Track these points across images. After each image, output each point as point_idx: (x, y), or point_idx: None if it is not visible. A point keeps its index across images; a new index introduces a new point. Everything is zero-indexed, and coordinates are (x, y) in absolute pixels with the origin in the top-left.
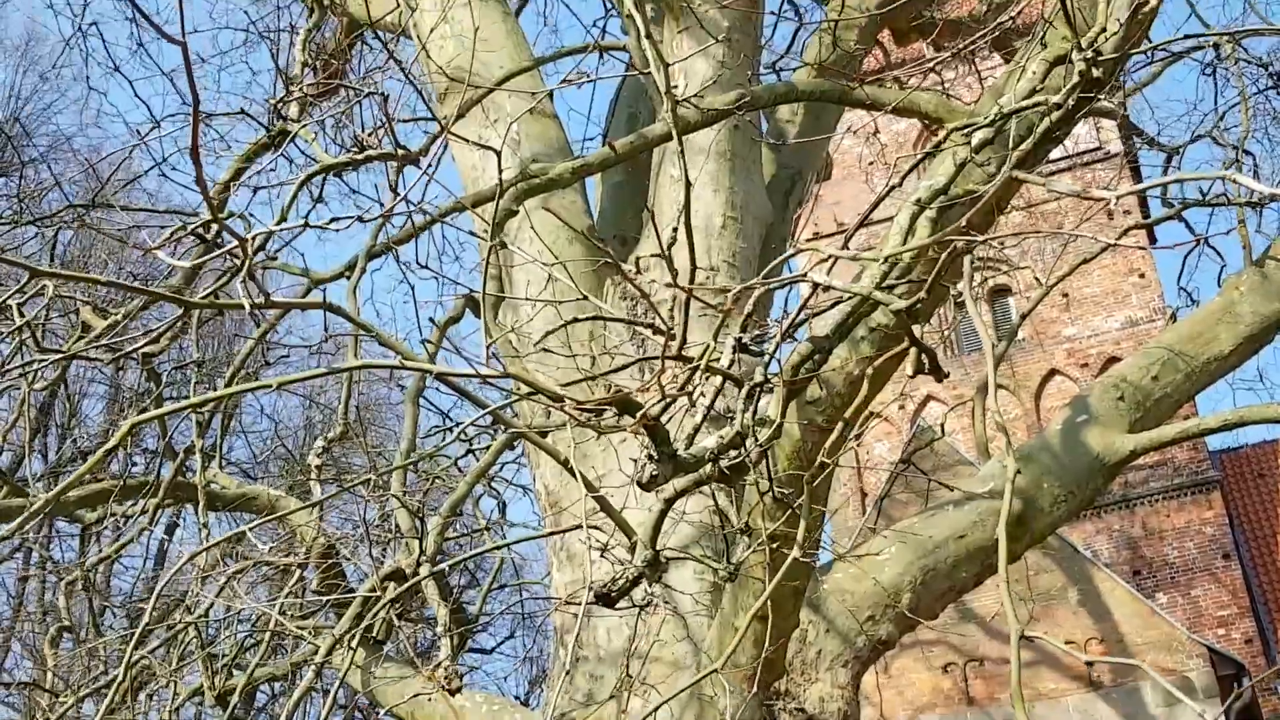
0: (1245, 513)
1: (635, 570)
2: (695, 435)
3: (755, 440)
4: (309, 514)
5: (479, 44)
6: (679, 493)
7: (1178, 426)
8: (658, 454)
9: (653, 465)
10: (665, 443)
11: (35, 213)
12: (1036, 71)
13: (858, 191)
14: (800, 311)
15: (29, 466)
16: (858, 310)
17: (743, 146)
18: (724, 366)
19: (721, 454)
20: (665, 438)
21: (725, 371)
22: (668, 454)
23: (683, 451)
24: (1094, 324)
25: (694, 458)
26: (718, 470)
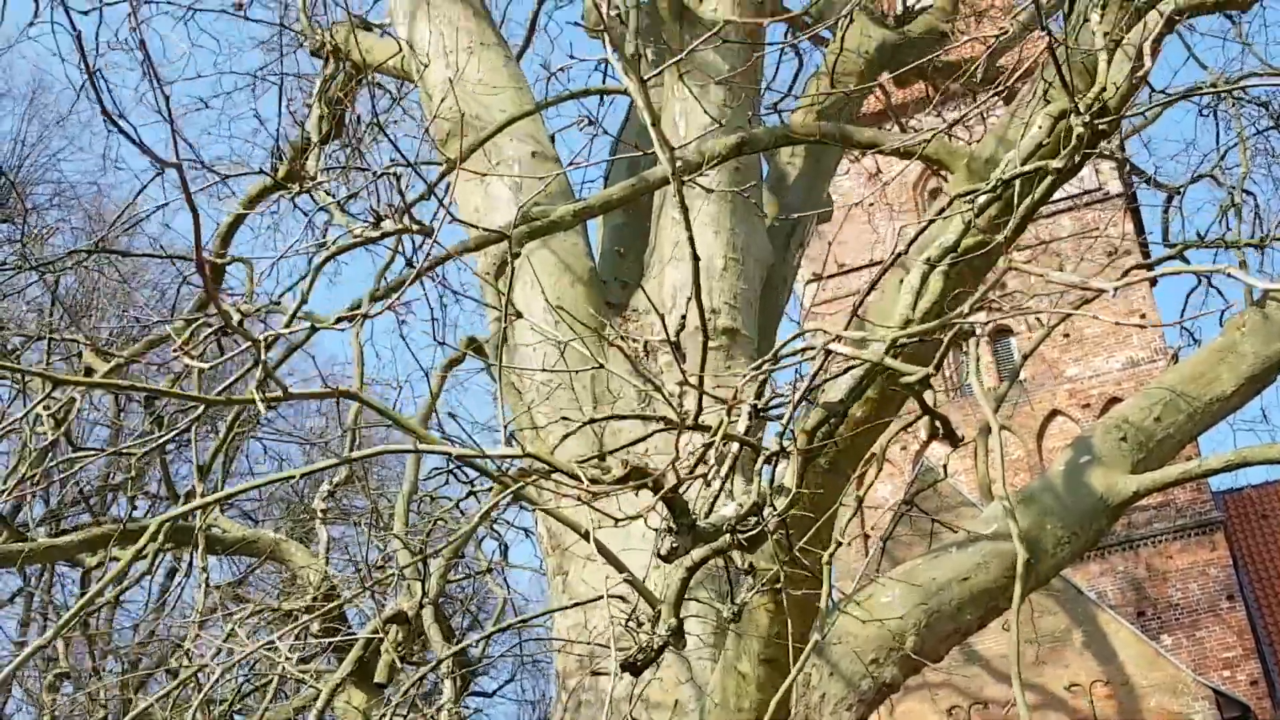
0: (1249, 554)
1: (660, 640)
2: (714, 504)
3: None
4: (310, 556)
5: (480, 88)
6: (698, 562)
7: (1181, 467)
8: (676, 525)
9: (672, 537)
10: (684, 513)
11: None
12: (1042, 126)
13: (859, 231)
14: (814, 378)
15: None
16: (871, 373)
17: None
18: (740, 434)
19: (740, 523)
20: (684, 509)
21: (744, 439)
22: (686, 525)
23: (701, 521)
24: (1095, 364)
25: (713, 527)
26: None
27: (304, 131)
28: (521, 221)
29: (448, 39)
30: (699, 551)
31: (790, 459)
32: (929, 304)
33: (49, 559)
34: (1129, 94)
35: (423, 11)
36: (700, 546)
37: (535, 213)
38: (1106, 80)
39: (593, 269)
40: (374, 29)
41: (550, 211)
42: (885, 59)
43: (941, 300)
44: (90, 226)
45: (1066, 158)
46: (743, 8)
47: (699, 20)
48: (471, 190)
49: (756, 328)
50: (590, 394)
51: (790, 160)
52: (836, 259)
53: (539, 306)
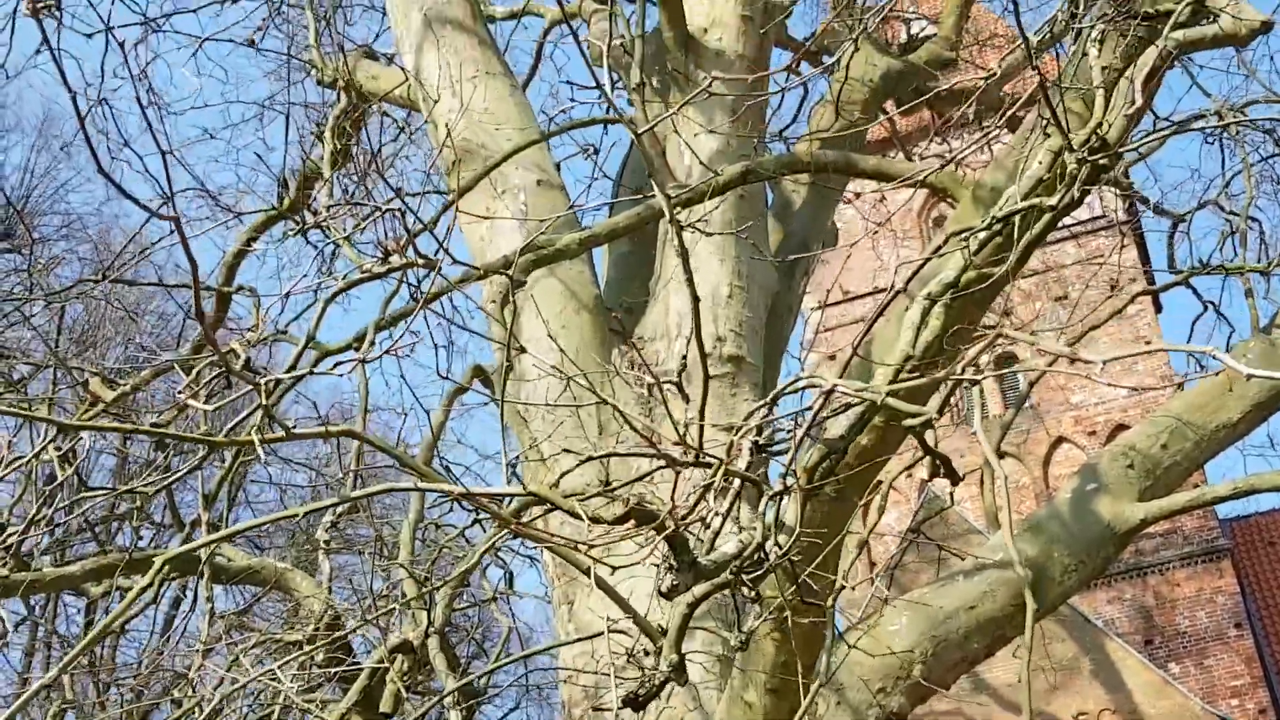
0: (1257, 581)
1: (662, 675)
2: (715, 541)
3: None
4: (315, 586)
5: (486, 117)
6: (699, 599)
7: (1188, 495)
8: (678, 562)
9: (673, 574)
10: (685, 551)
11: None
12: (1042, 161)
13: (864, 259)
14: (816, 415)
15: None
16: (871, 411)
17: (748, 215)
18: (741, 469)
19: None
20: (685, 546)
21: (746, 475)
22: (687, 562)
23: (703, 558)
24: (1101, 391)
25: (714, 564)
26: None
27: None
28: (526, 251)
29: (454, 69)
30: (700, 588)
31: (792, 496)
32: (930, 339)
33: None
34: (1127, 129)
35: (429, 41)
36: (702, 583)
37: (541, 241)
38: (1104, 115)
39: (598, 296)
40: (380, 59)
41: (556, 240)
42: (890, 87)
43: (943, 335)
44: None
45: (1062, 194)
46: (748, 37)
47: (704, 49)
48: (477, 220)
49: (762, 355)
50: (596, 423)
51: (795, 188)
52: (841, 286)
53: (544, 335)
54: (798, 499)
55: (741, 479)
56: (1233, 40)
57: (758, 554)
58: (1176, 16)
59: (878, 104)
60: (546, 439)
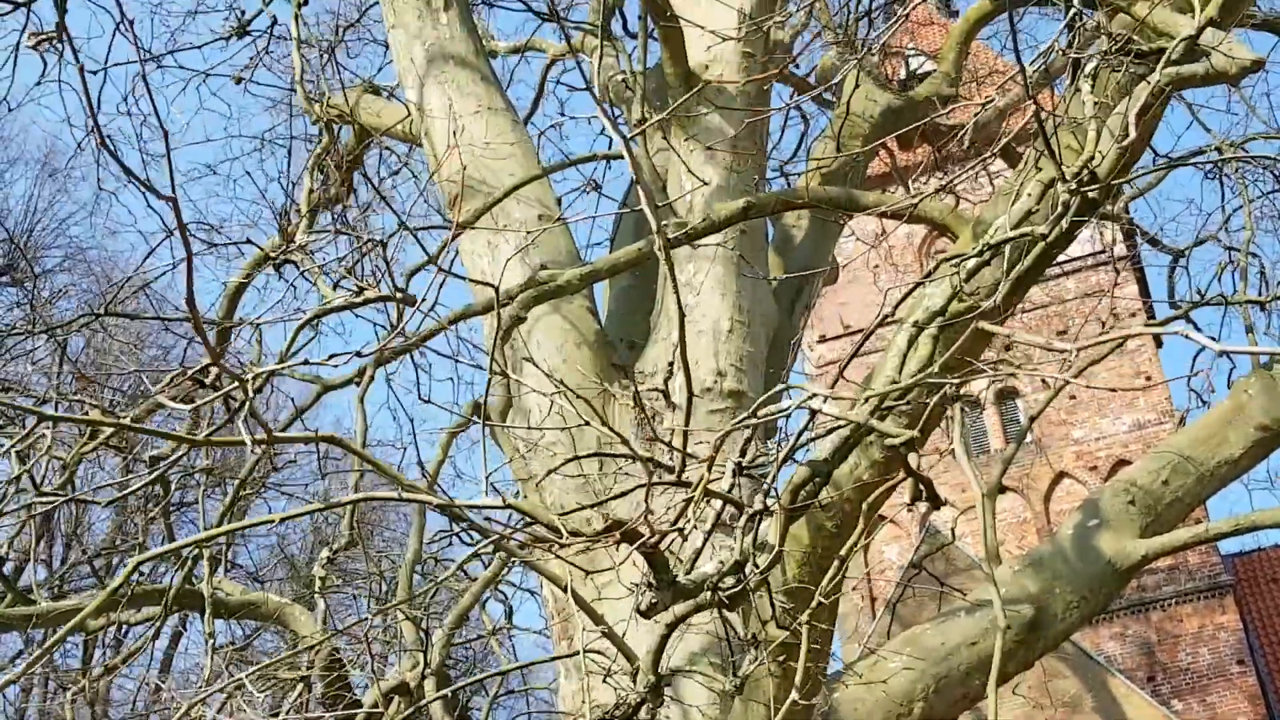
0: (1260, 617)
1: (638, 696)
2: (695, 561)
3: (755, 566)
4: (314, 623)
5: (488, 152)
6: (679, 619)
7: (1190, 531)
8: (657, 581)
9: (652, 592)
10: (664, 570)
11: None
12: (1032, 193)
13: (865, 293)
14: (800, 436)
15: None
16: (858, 433)
17: (749, 250)
18: (724, 490)
19: (721, 580)
20: (664, 564)
21: (725, 495)
22: (667, 581)
23: (682, 578)
24: (1101, 426)
25: (694, 584)
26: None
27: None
28: (528, 286)
29: (456, 104)
30: (680, 608)
31: (774, 517)
32: (916, 367)
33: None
34: (1119, 162)
35: (432, 76)
36: (681, 602)
37: (542, 276)
38: (1095, 149)
39: (599, 331)
40: (383, 93)
41: (557, 276)
42: (890, 123)
43: (929, 364)
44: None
45: (1053, 224)
46: (748, 73)
47: (705, 85)
48: (479, 253)
49: (763, 390)
50: (597, 459)
51: (796, 223)
52: (842, 320)
53: (545, 370)
54: (780, 519)
55: (722, 499)
56: (1224, 78)
57: (737, 573)
58: (1170, 54)
59: (878, 139)
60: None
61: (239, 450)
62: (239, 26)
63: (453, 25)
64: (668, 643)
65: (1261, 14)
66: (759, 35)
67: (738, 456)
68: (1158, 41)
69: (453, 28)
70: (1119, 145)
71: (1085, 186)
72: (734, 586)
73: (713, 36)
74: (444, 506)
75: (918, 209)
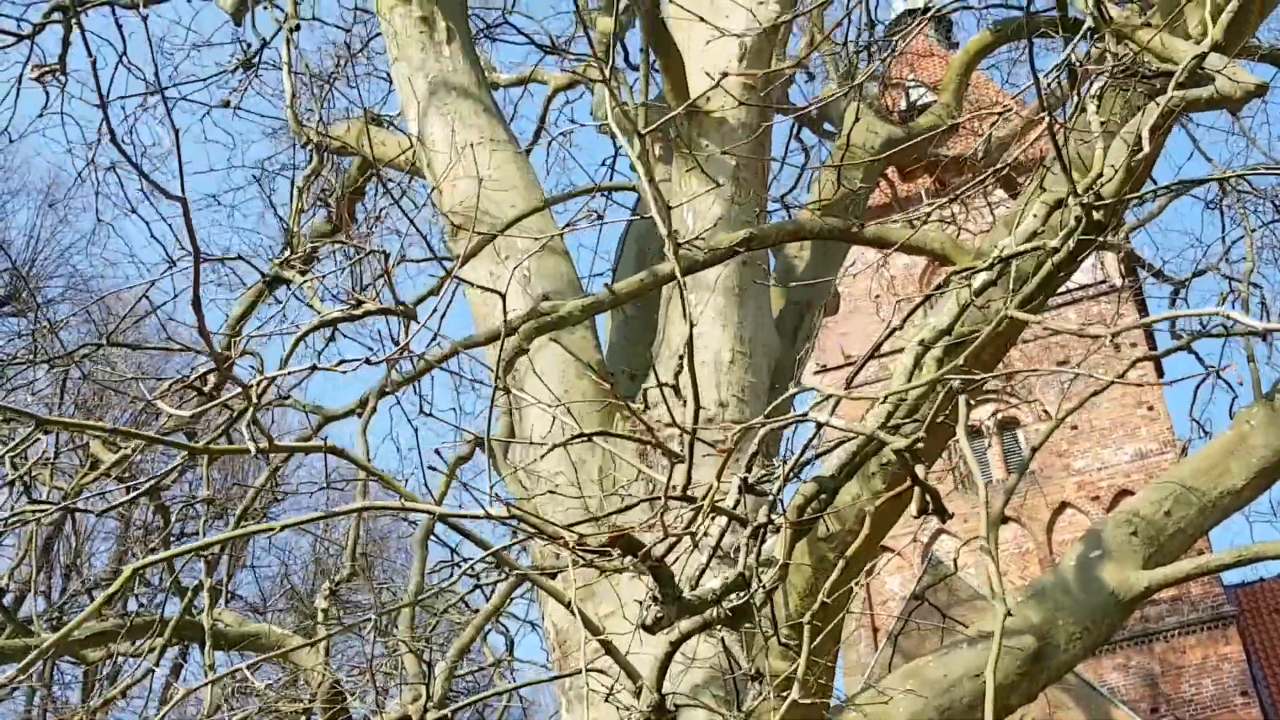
0: (1263, 648)
1: (641, 715)
2: (700, 576)
3: (760, 583)
4: (315, 654)
5: (490, 183)
6: (685, 635)
7: (1193, 562)
8: (662, 595)
9: (657, 607)
10: (670, 584)
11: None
12: (1038, 214)
13: (866, 324)
14: (805, 451)
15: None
16: (863, 450)
17: (751, 281)
18: (729, 506)
19: (726, 596)
20: (670, 579)
21: (730, 512)
22: (672, 596)
23: (688, 593)
24: (1103, 456)
25: (699, 599)
26: (723, 613)
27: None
28: (529, 318)
29: (458, 135)
30: (686, 624)
31: (780, 532)
32: (924, 384)
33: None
34: (1127, 181)
35: (434, 108)
36: (686, 618)
37: (544, 307)
38: (1103, 165)
39: (601, 361)
40: (385, 125)
41: (559, 307)
42: (891, 154)
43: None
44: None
45: (1064, 239)
46: (749, 105)
47: (707, 117)
48: (481, 282)
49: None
50: (600, 490)
51: (798, 254)
52: (843, 350)
53: (547, 401)
54: (786, 535)
55: (728, 516)
56: (1228, 102)
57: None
58: (1179, 75)
59: (879, 171)
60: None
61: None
62: (245, 59)
63: (455, 58)
64: (671, 660)
65: (1263, 46)
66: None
67: (743, 473)
68: (1162, 66)
69: (455, 60)
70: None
71: (1096, 203)
72: (739, 602)
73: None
74: (446, 516)
75: (916, 240)
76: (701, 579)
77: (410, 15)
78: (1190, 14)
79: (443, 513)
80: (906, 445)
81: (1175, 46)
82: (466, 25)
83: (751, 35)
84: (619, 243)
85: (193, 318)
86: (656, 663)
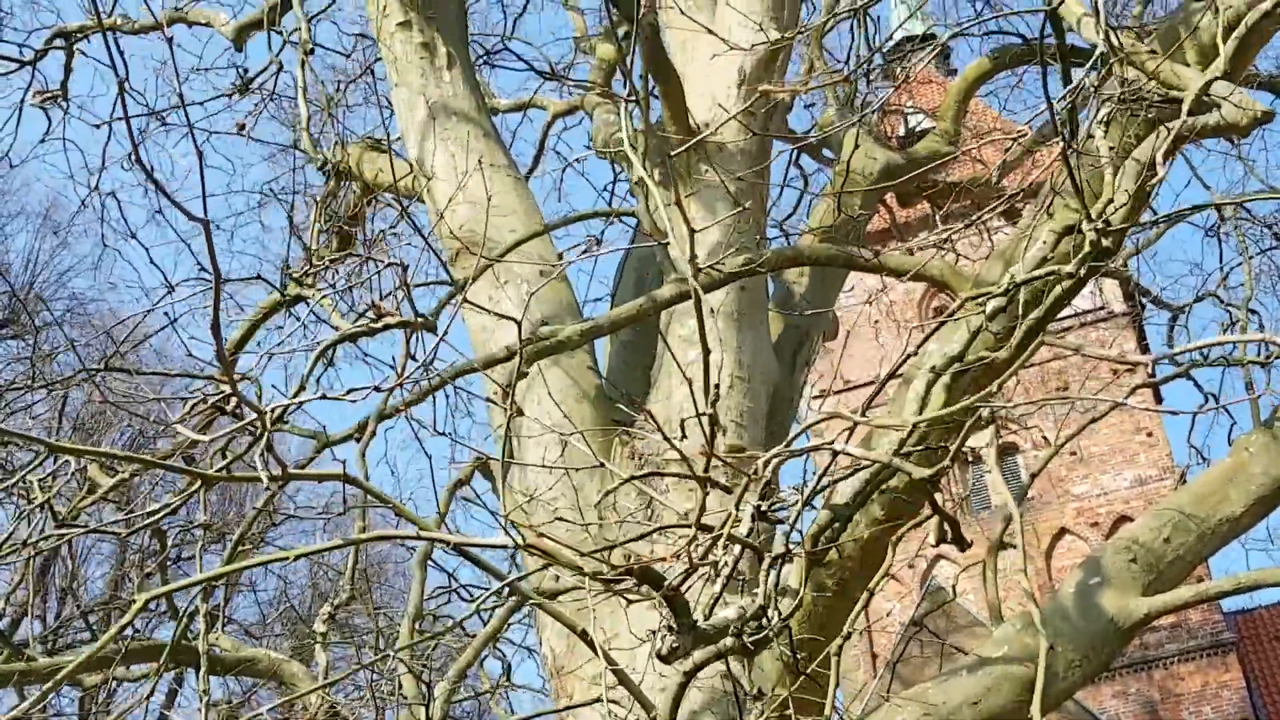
0: (1262, 675)
1: None
2: (715, 605)
3: (777, 612)
4: (312, 679)
5: (490, 209)
6: (699, 665)
7: (1192, 589)
8: (678, 625)
9: (673, 637)
10: (686, 614)
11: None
12: (1046, 241)
13: (865, 349)
14: (821, 479)
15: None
16: (877, 477)
17: (750, 306)
18: (744, 535)
19: (743, 625)
20: (686, 609)
21: (746, 541)
22: (688, 625)
23: (703, 623)
24: (1103, 482)
25: (715, 629)
26: (740, 643)
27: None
28: (529, 342)
29: (458, 160)
30: (700, 653)
31: (796, 561)
32: (934, 411)
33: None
34: (1134, 209)
35: (434, 133)
36: (701, 648)
37: (543, 332)
38: (1114, 191)
39: (599, 386)
40: (383, 148)
41: (558, 331)
42: (889, 181)
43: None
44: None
45: (1079, 264)
46: (749, 132)
47: (706, 143)
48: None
49: (763, 446)
50: (598, 515)
51: (797, 279)
52: (842, 375)
53: (546, 424)
54: (802, 564)
55: (742, 544)
56: (1233, 129)
57: (759, 619)
58: (1189, 101)
59: (878, 197)
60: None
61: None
62: (242, 84)
63: (455, 83)
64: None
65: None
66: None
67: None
68: (1171, 93)
69: (455, 86)
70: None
71: (1109, 229)
72: (756, 632)
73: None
74: (462, 546)
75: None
76: (715, 608)
77: (411, 41)
78: (1187, 45)
79: (457, 541)
80: (930, 475)
81: (1182, 74)
82: (466, 51)
83: (751, 59)
84: (618, 268)
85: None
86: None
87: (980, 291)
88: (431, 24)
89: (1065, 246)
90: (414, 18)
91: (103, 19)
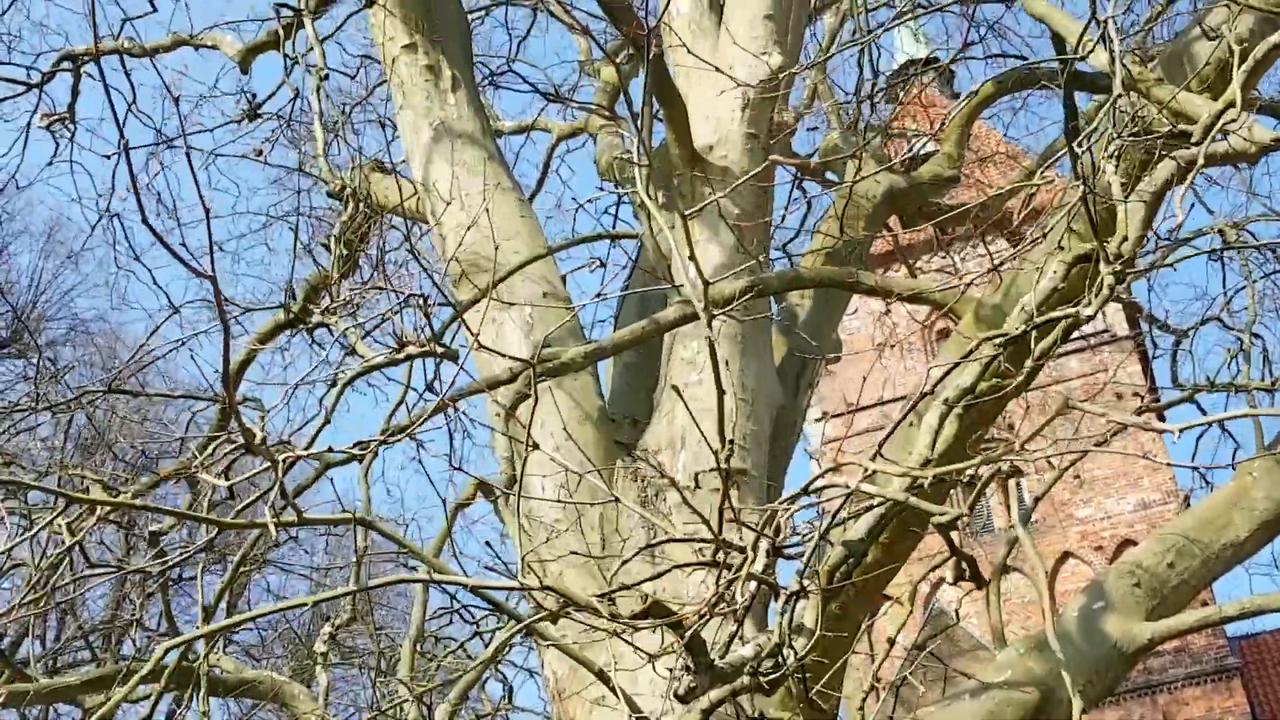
0: (1267, 700)
1: None
2: (731, 644)
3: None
4: (313, 700)
5: (494, 230)
6: (715, 704)
7: (1196, 614)
8: (695, 665)
9: (690, 677)
10: (703, 653)
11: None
12: (1057, 272)
13: (867, 371)
14: (835, 515)
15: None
16: (890, 513)
17: (752, 329)
18: (758, 572)
19: (759, 664)
20: (703, 648)
21: (764, 578)
22: (705, 664)
23: (719, 661)
24: (1106, 506)
25: (731, 667)
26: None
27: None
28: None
29: (463, 182)
30: (716, 692)
31: (810, 599)
32: (945, 446)
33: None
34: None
35: (439, 155)
36: (718, 687)
37: (546, 354)
38: (1126, 229)
39: (602, 408)
40: (392, 172)
41: (562, 353)
42: (893, 203)
43: (956, 442)
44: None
45: (1099, 307)
46: (752, 154)
47: (710, 166)
48: (484, 332)
49: (766, 469)
50: (600, 536)
51: (800, 301)
52: (845, 398)
53: (549, 448)
54: (817, 601)
55: (759, 582)
56: (1242, 157)
57: (776, 657)
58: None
59: (881, 219)
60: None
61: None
62: (250, 109)
63: (460, 105)
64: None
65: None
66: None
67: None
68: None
69: (460, 108)
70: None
71: (1129, 270)
72: (773, 671)
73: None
74: (478, 588)
75: (918, 289)
76: (731, 647)
77: (416, 64)
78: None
79: (475, 584)
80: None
81: (1192, 103)
82: (471, 73)
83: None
84: (621, 290)
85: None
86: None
87: (998, 333)
88: (436, 46)
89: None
90: (419, 40)
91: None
